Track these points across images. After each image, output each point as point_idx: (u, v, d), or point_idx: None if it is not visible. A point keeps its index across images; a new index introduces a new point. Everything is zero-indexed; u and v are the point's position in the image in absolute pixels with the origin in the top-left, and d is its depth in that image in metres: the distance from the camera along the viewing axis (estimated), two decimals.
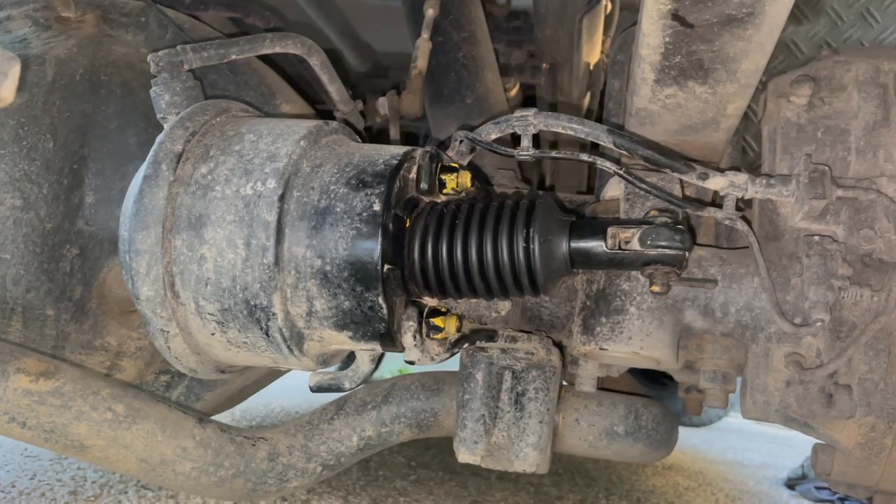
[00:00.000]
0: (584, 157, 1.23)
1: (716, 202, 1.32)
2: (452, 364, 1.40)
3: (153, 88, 1.36)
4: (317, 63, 1.62)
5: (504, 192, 1.49)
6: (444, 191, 1.18)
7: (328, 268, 1.08)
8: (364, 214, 1.08)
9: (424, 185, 1.15)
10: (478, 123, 1.36)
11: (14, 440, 1.29)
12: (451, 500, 2.36)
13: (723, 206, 1.23)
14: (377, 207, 1.08)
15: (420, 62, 1.80)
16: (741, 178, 1.22)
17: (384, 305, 1.08)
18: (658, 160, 1.21)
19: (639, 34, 1.07)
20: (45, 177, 1.49)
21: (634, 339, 1.30)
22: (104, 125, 1.57)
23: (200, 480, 1.37)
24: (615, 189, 1.40)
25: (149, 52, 1.39)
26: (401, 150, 1.16)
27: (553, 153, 1.28)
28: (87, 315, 1.55)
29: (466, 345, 1.24)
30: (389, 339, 1.12)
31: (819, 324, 1.21)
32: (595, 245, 1.16)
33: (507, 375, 1.39)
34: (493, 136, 1.27)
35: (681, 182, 1.32)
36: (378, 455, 2.74)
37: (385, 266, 1.07)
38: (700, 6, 0.96)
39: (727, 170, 1.23)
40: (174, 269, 1.12)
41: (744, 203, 1.33)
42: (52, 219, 1.49)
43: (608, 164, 1.22)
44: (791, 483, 3.61)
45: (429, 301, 1.18)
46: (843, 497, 3.25)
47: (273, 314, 1.10)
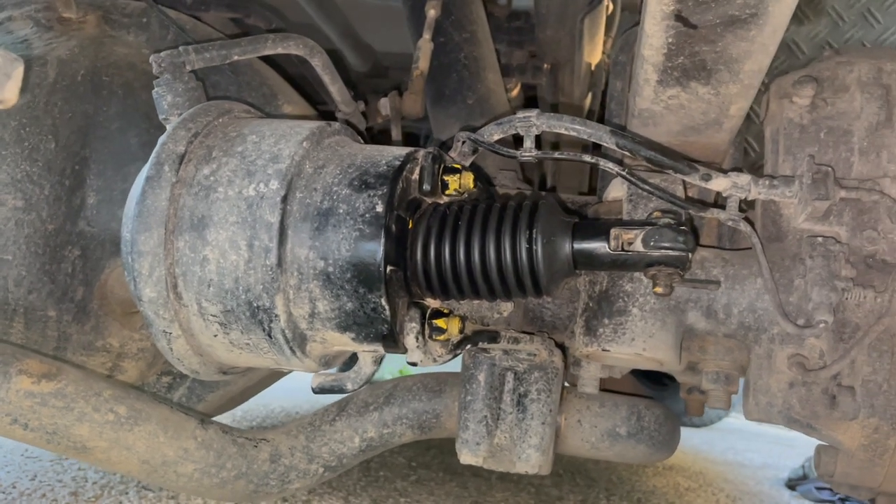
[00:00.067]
0: (588, 158, 1.23)
1: (719, 203, 1.32)
2: (454, 365, 1.40)
3: (155, 89, 1.36)
4: (319, 64, 1.62)
5: (506, 193, 1.48)
6: (447, 192, 1.18)
7: (331, 269, 1.08)
8: (367, 216, 1.08)
9: (427, 187, 1.15)
10: (479, 124, 1.36)
11: (15, 441, 1.29)
12: (452, 501, 2.36)
13: (726, 208, 1.23)
14: (380, 209, 1.08)
15: (422, 63, 1.79)
16: (744, 179, 1.22)
17: (387, 307, 1.08)
18: (661, 161, 1.21)
19: (641, 35, 1.07)
20: (47, 178, 1.49)
21: (637, 341, 1.29)
22: (106, 126, 1.57)
23: (202, 482, 1.37)
24: (618, 190, 1.40)
25: (150, 53, 1.39)
26: (403, 151, 1.16)
27: (556, 154, 1.27)
28: (89, 316, 1.55)
29: (469, 346, 1.24)
30: (392, 341, 1.11)
31: (822, 325, 1.21)
32: (598, 246, 1.15)
33: (510, 377, 1.38)
34: (496, 137, 1.26)
35: (683, 183, 1.32)
36: (379, 456, 2.73)
37: (388, 267, 1.07)
38: (703, 7, 0.96)
39: (730, 171, 1.23)
40: (177, 271, 1.12)
41: (746, 204, 1.32)
42: (54, 220, 1.49)
43: (611, 166, 1.22)
44: (792, 483, 3.61)
45: (431, 302, 1.18)
46: (844, 497, 3.25)
47: (276, 316, 1.10)
